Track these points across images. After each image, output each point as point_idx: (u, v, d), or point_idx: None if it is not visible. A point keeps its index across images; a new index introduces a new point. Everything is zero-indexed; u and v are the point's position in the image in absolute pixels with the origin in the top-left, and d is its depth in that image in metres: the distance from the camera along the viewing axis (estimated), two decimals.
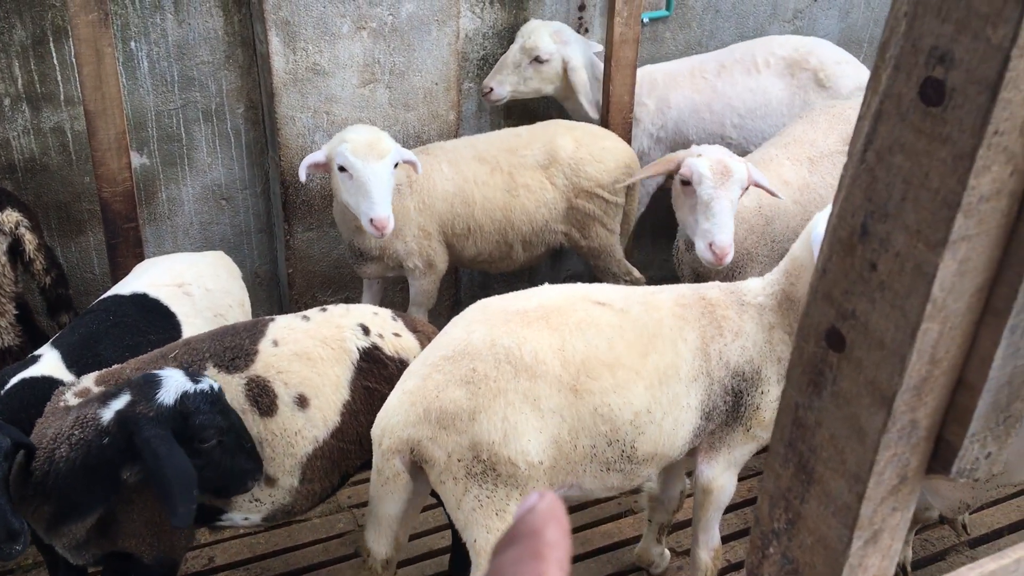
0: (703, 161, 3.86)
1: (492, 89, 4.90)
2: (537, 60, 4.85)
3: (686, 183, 3.90)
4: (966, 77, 0.86)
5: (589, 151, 4.64)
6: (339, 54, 4.58)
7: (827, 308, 1.06)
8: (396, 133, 4.92)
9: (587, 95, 4.92)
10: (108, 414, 2.78)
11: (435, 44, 4.79)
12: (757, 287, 3.25)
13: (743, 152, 5.20)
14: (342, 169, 4.01)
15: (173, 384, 2.78)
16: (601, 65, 5.08)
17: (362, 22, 4.56)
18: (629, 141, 5.04)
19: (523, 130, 4.78)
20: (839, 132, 4.62)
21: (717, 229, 3.81)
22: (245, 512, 3.24)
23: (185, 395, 2.77)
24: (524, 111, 5.28)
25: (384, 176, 3.98)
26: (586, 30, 5.25)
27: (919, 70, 0.90)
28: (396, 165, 4.07)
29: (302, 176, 4.14)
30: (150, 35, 4.40)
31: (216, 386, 2.86)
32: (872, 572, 1.19)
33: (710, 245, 3.83)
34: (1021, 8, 0.80)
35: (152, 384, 2.79)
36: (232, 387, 3.07)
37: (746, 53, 5.18)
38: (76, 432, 2.81)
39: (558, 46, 4.86)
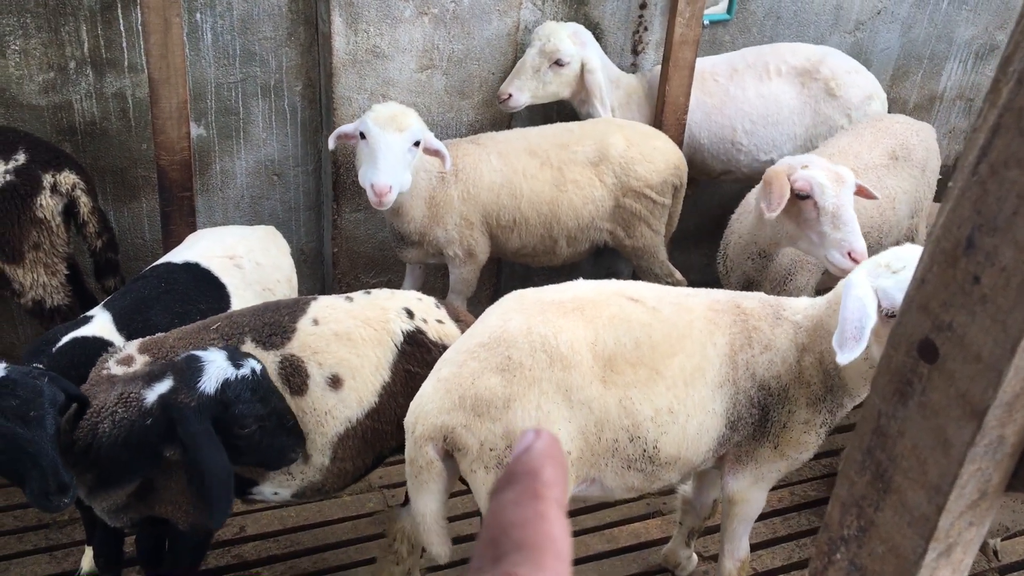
0: (818, 171, 3.73)
1: (511, 95, 4.74)
2: (558, 63, 4.72)
3: (803, 197, 3.72)
4: None
5: (640, 150, 4.63)
6: (399, 38, 4.60)
7: (922, 319, 1.06)
8: (450, 120, 4.94)
9: (602, 98, 4.84)
10: (152, 396, 2.82)
11: (495, 33, 4.80)
12: (799, 306, 3.23)
13: (754, 159, 5.19)
14: (362, 136, 4.07)
15: (215, 370, 2.81)
16: (613, 67, 5.05)
17: (425, 7, 4.58)
18: (681, 142, 5.02)
19: (575, 126, 4.78)
20: (884, 146, 4.58)
21: (853, 237, 3.67)
22: (276, 486, 3.28)
23: (226, 383, 2.79)
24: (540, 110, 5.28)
25: (396, 148, 4.00)
26: (646, 28, 5.24)
27: None
28: (417, 144, 4.07)
29: (331, 144, 4.29)
30: (216, 7, 4.45)
31: (259, 368, 2.88)
32: None
33: (849, 254, 3.66)
34: None
35: (194, 369, 2.81)
36: (267, 364, 3.11)
37: (758, 59, 5.14)
38: (120, 410, 2.85)
39: (577, 48, 4.76)
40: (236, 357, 2.87)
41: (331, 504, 4.33)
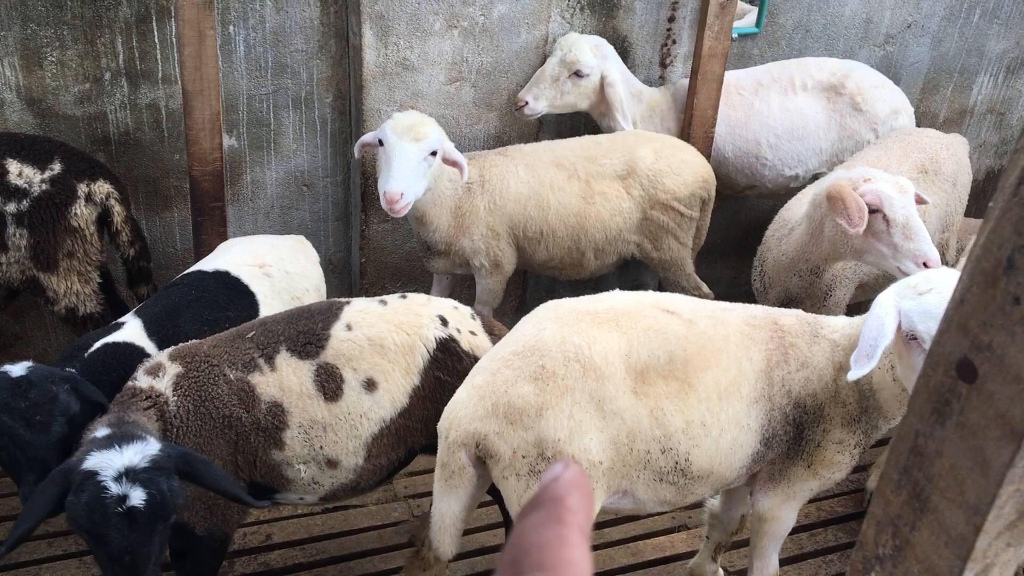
0: (884, 184, 3.69)
1: (527, 103, 4.76)
2: (577, 74, 4.74)
3: (873, 211, 3.67)
4: None
5: (668, 163, 4.63)
6: (429, 51, 4.64)
7: (961, 339, 1.06)
8: (478, 132, 4.97)
9: (623, 111, 4.84)
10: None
11: (523, 47, 4.83)
12: (837, 324, 3.21)
13: (779, 174, 5.17)
14: (380, 144, 4.12)
15: (102, 461, 2.61)
16: (636, 81, 5.05)
17: (454, 20, 4.61)
18: (709, 155, 5.02)
19: (603, 138, 4.78)
20: (913, 160, 4.55)
21: (927, 246, 3.62)
22: (300, 493, 3.29)
23: (91, 476, 2.58)
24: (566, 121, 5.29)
25: (411, 156, 4.04)
26: (674, 41, 5.25)
27: None
28: (434, 154, 4.10)
29: (355, 153, 4.39)
30: (248, 20, 4.50)
31: (130, 504, 2.58)
32: None
33: (924, 264, 3.60)
34: None
35: (103, 442, 2.67)
36: (303, 373, 3.13)
37: (783, 73, 5.13)
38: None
39: (598, 60, 4.77)
40: (137, 473, 2.60)
41: (357, 513, 4.35)
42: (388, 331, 3.22)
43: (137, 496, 2.56)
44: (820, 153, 5.10)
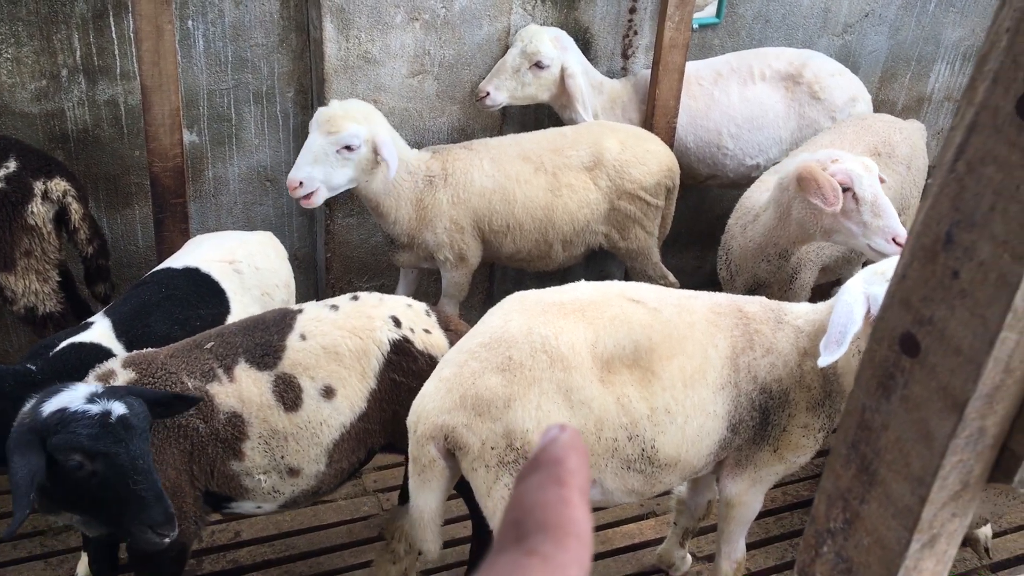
0: (852, 163, 3.76)
1: (488, 93, 4.76)
2: (538, 65, 4.74)
3: (844, 190, 3.72)
4: None
5: (634, 153, 4.67)
6: (390, 43, 4.63)
7: (903, 313, 1.09)
8: (442, 125, 4.96)
9: (583, 103, 4.86)
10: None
11: (485, 39, 4.83)
12: (801, 310, 3.26)
13: (740, 164, 5.22)
14: None
15: (63, 399, 2.67)
16: (596, 73, 5.07)
17: (416, 13, 4.60)
18: (672, 146, 5.05)
19: (568, 130, 4.80)
20: (866, 143, 4.62)
21: (894, 222, 3.70)
22: (259, 501, 3.27)
23: (63, 411, 2.63)
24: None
25: (316, 148, 4.09)
26: (635, 32, 5.27)
27: (1018, 85, 0.92)
28: (350, 148, 4.09)
29: None
30: (207, 15, 4.46)
31: (117, 413, 2.66)
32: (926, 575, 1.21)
33: (893, 240, 3.68)
34: None
35: (51, 392, 2.72)
36: (262, 383, 3.12)
37: (742, 63, 5.18)
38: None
39: (558, 52, 4.79)
40: (101, 395, 2.70)
41: (326, 508, 4.34)
42: (341, 337, 3.21)
43: (118, 407, 2.66)
44: (780, 142, 5.16)
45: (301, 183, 4.09)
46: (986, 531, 4.28)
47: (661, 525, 4.37)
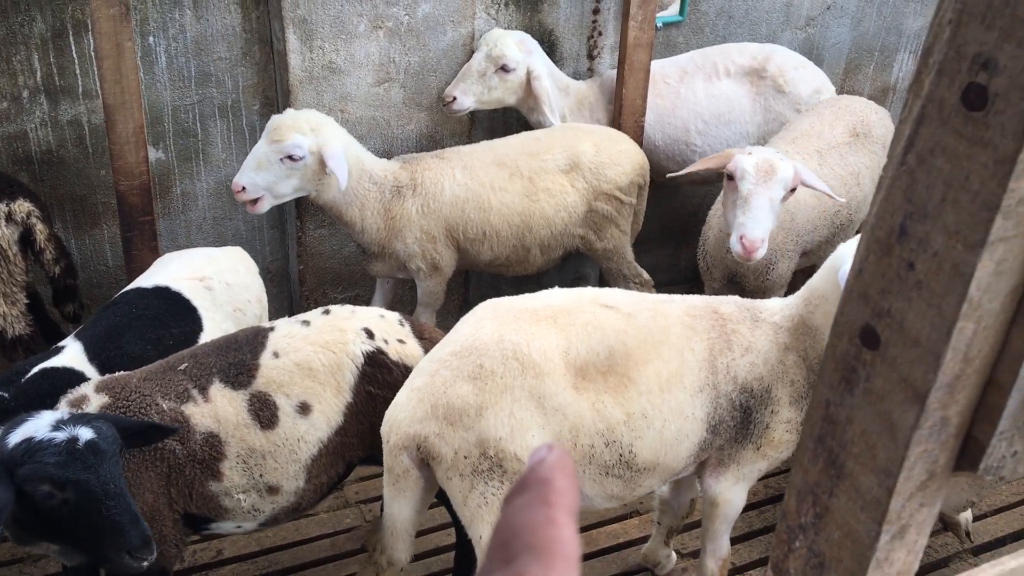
0: (749, 159, 3.90)
1: (455, 98, 4.76)
2: (503, 69, 4.75)
3: (731, 178, 3.93)
4: (1009, 83, 0.88)
5: (608, 154, 4.70)
6: (355, 53, 4.61)
7: (862, 306, 1.09)
8: (410, 132, 4.95)
9: (550, 105, 4.88)
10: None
11: (450, 44, 4.82)
12: (775, 307, 3.27)
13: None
14: None
15: (28, 428, 2.62)
16: (562, 75, 5.09)
17: (379, 21, 4.59)
18: (641, 144, 5.07)
19: (541, 134, 4.81)
20: (845, 123, 4.68)
21: (752, 223, 3.84)
22: (239, 521, 3.24)
23: (28, 442, 2.58)
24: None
25: (259, 154, 4.10)
26: (600, 33, 5.28)
27: (962, 76, 0.92)
28: (292, 158, 4.08)
29: None
30: (169, 30, 4.43)
31: (85, 439, 2.61)
32: (898, 567, 1.21)
33: (741, 238, 3.85)
34: None
35: (15, 423, 2.67)
36: (238, 403, 3.10)
37: (706, 60, 5.22)
38: None
39: (523, 55, 4.80)
40: (67, 421, 2.65)
41: (308, 522, 4.31)
42: (314, 353, 3.19)
43: (85, 432, 2.60)
44: (747, 136, 5.19)
45: (244, 188, 4.09)
46: (967, 515, 4.31)
47: (645, 524, 4.37)
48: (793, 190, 3.94)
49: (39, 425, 2.62)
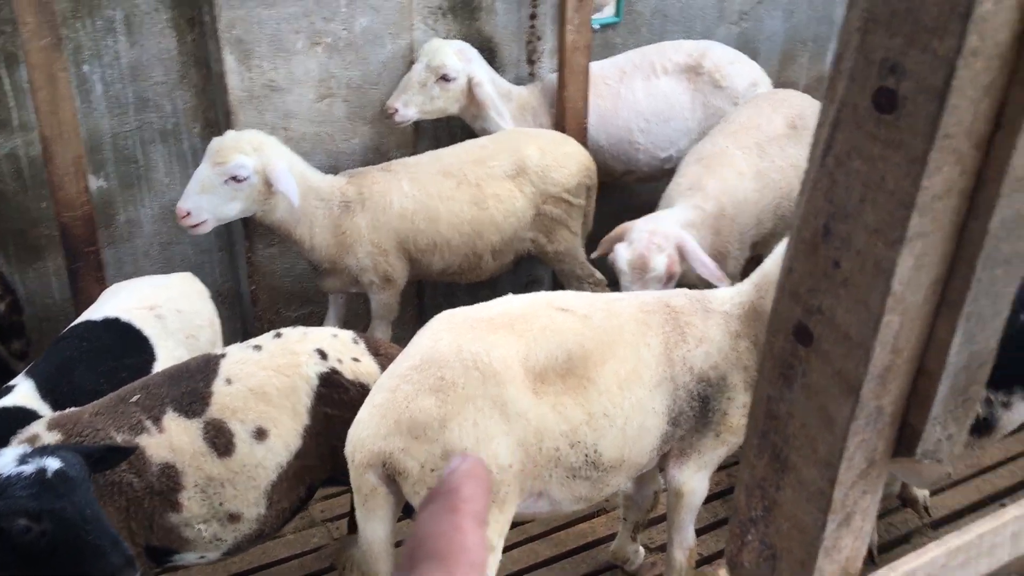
0: (625, 253, 4.04)
1: (397, 110, 4.75)
2: (444, 79, 4.76)
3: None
4: (916, 86, 0.93)
5: (554, 157, 4.73)
6: (294, 70, 4.59)
7: (794, 305, 1.13)
8: (355, 146, 4.94)
9: (498, 110, 4.91)
10: None
11: (390, 56, 4.83)
12: (725, 296, 3.33)
13: (652, 157, 5.31)
14: None
15: None
16: (503, 81, 5.13)
17: (317, 37, 4.58)
18: (585, 145, 5.11)
19: (486, 141, 4.83)
20: (783, 115, 4.75)
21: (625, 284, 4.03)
22: (201, 551, 3.21)
23: None
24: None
25: (202, 178, 4.09)
26: (538, 38, 5.32)
27: (872, 81, 0.96)
28: (237, 179, 4.07)
29: None
30: (103, 57, 4.38)
31: (53, 468, 2.60)
32: (846, 553, 1.25)
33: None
34: (964, 21, 0.87)
35: None
36: (192, 431, 3.07)
37: (643, 59, 5.30)
38: None
39: (463, 64, 4.82)
40: (32, 454, 2.65)
41: (275, 544, 4.28)
42: (267, 377, 3.17)
43: (52, 462, 2.59)
44: (689, 132, 5.26)
45: (189, 213, 4.07)
46: (923, 492, 4.41)
47: (612, 522, 4.41)
48: (676, 276, 4.07)
49: (4, 462, 2.59)
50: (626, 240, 4.04)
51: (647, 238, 4.02)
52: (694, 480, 3.42)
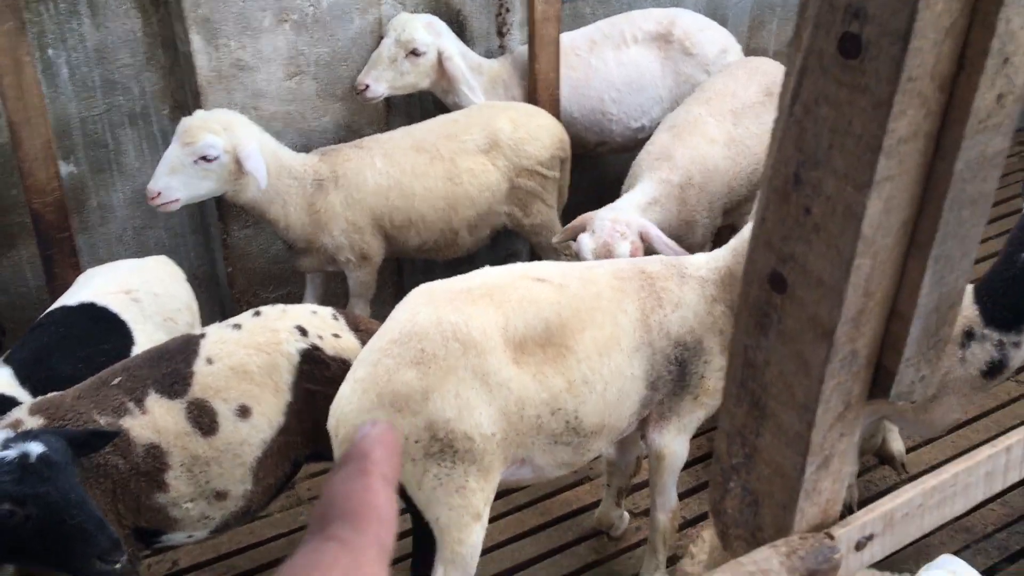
0: (588, 243, 4.04)
1: (368, 86, 4.73)
2: (414, 53, 4.74)
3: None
4: (880, 30, 0.94)
5: (527, 130, 4.73)
6: (262, 48, 4.56)
7: (768, 254, 1.15)
8: (327, 124, 4.92)
9: (469, 84, 4.89)
10: None
11: (358, 32, 4.79)
12: (700, 261, 3.36)
13: (625, 127, 5.32)
14: None
15: None
16: (474, 55, 5.11)
17: (284, 14, 4.54)
18: (558, 117, 5.11)
19: (458, 115, 4.82)
20: (758, 83, 4.77)
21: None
22: (189, 530, 3.22)
23: None
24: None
25: (171, 158, 4.07)
26: (508, 10, 5.30)
27: (837, 26, 0.98)
28: (207, 159, 4.06)
29: None
30: (67, 41, 4.32)
31: (36, 453, 2.62)
32: (825, 495, 1.29)
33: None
34: None
35: None
36: (176, 412, 3.08)
37: (613, 29, 5.29)
38: None
39: (433, 38, 4.80)
40: (14, 439, 2.67)
41: (263, 524, 4.29)
42: (248, 355, 3.17)
43: (35, 447, 2.61)
44: (661, 101, 5.27)
45: (159, 193, 4.06)
46: (900, 448, 4.48)
47: (596, 489, 4.45)
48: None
49: None
50: (588, 229, 4.05)
51: (610, 227, 4.04)
52: (675, 443, 3.46)
